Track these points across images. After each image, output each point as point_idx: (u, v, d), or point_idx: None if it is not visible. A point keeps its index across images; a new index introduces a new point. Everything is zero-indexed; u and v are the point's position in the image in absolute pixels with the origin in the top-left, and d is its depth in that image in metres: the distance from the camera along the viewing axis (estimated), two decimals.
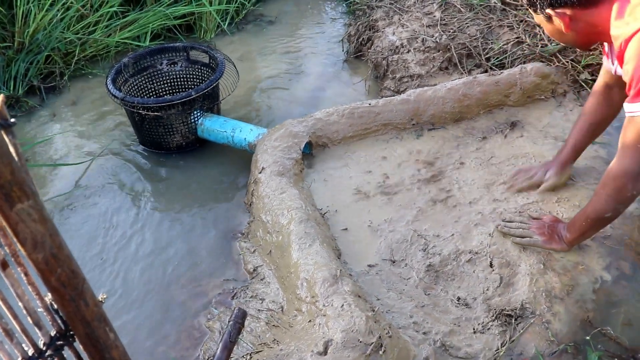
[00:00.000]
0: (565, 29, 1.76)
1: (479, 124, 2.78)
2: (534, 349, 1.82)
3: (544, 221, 2.12)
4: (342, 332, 1.65)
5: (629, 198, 1.77)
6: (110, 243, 2.45)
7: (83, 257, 2.38)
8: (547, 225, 2.09)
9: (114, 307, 2.17)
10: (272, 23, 4.23)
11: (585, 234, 1.98)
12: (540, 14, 1.79)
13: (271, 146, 2.50)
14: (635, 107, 1.64)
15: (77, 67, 3.61)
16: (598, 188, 1.84)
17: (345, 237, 2.24)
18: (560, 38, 1.86)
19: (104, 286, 2.25)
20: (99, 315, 0.81)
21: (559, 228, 2.07)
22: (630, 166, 1.71)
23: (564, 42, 1.90)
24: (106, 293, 2.18)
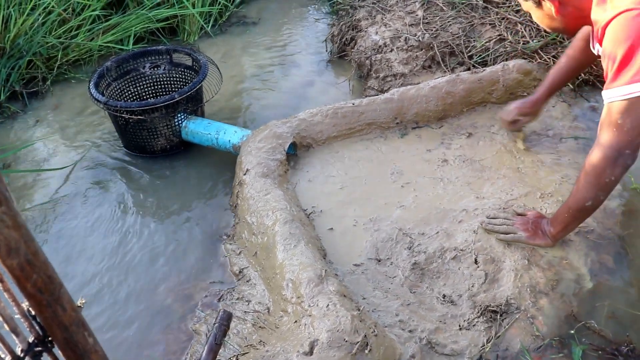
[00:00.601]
0: (555, 13, 1.79)
1: (463, 121, 2.79)
2: (519, 344, 1.83)
3: (528, 217, 2.13)
4: (328, 332, 1.65)
5: (608, 184, 1.78)
6: (95, 248, 2.44)
7: (68, 262, 2.37)
8: (530, 221, 2.11)
9: (99, 311, 2.16)
10: (256, 24, 4.23)
11: (568, 226, 1.99)
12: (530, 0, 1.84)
13: (255, 147, 2.50)
14: (610, 94, 1.67)
15: (59, 71, 3.60)
16: (578, 177, 1.85)
17: (331, 237, 2.25)
18: (549, 24, 1.89)
19: (89, 291, 2.24)
20: (77, 320, 0.80)
21: (542, 223, 2.08)
22: (607, 151, 1.72)
23: (552, 27, 1.92)
24: (92, 298, 2.18)
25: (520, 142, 2.59)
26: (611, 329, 1.87)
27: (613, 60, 1.64)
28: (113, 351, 2.01)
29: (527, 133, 2.63)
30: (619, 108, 1.67)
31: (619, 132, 1.69)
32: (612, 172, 1.75)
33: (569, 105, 2.81)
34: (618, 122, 1.68)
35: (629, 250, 2.12)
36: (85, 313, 2.11)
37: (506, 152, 2.56)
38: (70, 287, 2.17)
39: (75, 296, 0.82)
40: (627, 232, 2.18)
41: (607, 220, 2.22)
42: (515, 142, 2.60)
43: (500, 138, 2.65)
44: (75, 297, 0.81)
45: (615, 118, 1.68)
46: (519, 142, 2.59)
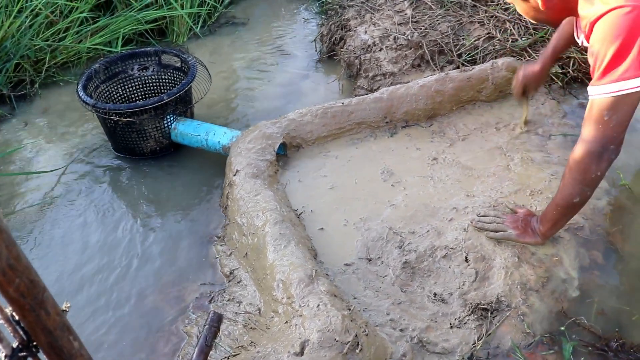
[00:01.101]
0: (542, 6, 1.77)
1: (453, 120, 2.79)
2: (510, 341, 1.84)
3: (518, 215, 2.14)
4: (319, 332, 1.64)
5: (594, 180, 1.79)
6: (84, 250, 2.42)
7: (58, 266, 2.35)
8: (520, 219, 2.11)
9: (89, 315, 2.15)
10: (245, 25, 4.22)
11: (557, 223, 1.99)
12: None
13: (245, 148, 2.49)
14: (595, 90, 1.68)
15: (47, 74, 3.57)
16: (564, 174, 1.86)
17: (322, 236, 2.24)
18: (535, 16, 1.87)
19: (78, 294, 2.23)
20: (61, 324, 0.79)
21: (532, 221, 2.08)
22: (591, 147, 1.73)
23: (538, 19, 1.91)
24: (81, 301, 2.17)
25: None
26: (601, 325, 1.88)
27: (602, 57, 1.64)
28: (103, 354, 2.00)
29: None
30: (606, 104, 1.67)
31: (605, 127, 1.70)
32: (598, 167, 1.76)
33: (558, 103, 2.82)
34: (604, 118, 1.69)
35: (618, 246, 2.13)
36: (74, 316, 2.11)
37: (496, 149, 2.56)
38: (58, 291, 2.18)
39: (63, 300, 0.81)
40: (616, 229, 2.19)
41: (596, 217, 2.23)
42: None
43: (490, 136, 2.66)
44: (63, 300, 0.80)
45: (602, 114, 1.69)
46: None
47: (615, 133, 1.70)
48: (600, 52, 1.64)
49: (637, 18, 1.57)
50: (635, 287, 2.01)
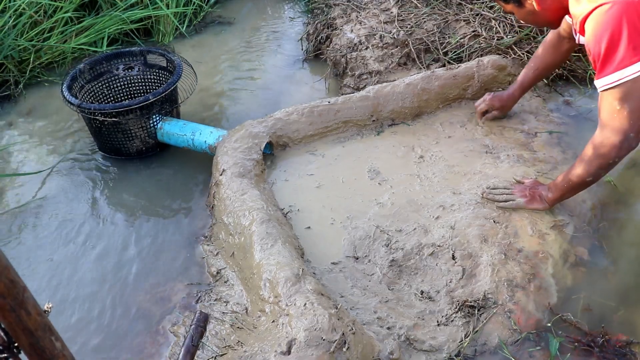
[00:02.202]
0: (537, 7, 1.90)
1: (439, 118, 2.80)
2: (497, 338, 1.84)
3: (526, 184, 2.26)
4: (305, 330, 1.64)
5: (610, 165, 1.92)
6: (72, 252, 2.41)
7: (44, 267, 2.33)
8: (528, 187, 2.23)
9: (74, 316, 2.13)
10: (231, 24, 4.21)
11: (565, 194, 2.12)
12: (511, 2, 1.96)
13: (231, 148, 2.49)
14: (603, 82, 1.78)
15: (32, 74, 3.54)
16: (582, 155, 1.96)
17: (309, 235, 2.24)
18: (533, 19, 2.01)
19: (66, 295, 2.21)
20: (43, 325, 0.79)
21: (540, 189, 2.20)
22: (612, 137, 1.83)
23: (537, 23, 2.06)
24: (67, 302, 2.16)
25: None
26: (587, 321, 1.89)
27: (598, 52, 1.76)
28: (89, 356, 1.99)
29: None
30: (614, 95, 1.78)
31: (620, 117, 1.80)
32: (618, 154, 1.87)
33: (543, 100, 2.83)
34: (617, 108, 1.79)
35: (604, 242, 2.14)
36: (59, 318, 2.10)
37: (482, 147, 2.57)
38: (42, 292, 2.16)
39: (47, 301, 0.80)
40: (602, 225, 2.20)
41: (582, 214, 2.24)
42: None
43: (476, 134, 2.66)
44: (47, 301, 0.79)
45: (613, 105, 1.79)
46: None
47: (632, 120, 1.79)
48: (595, 49, 1.76)
49: (617, 12, 1.70)
50: (621, 283, 2.03)
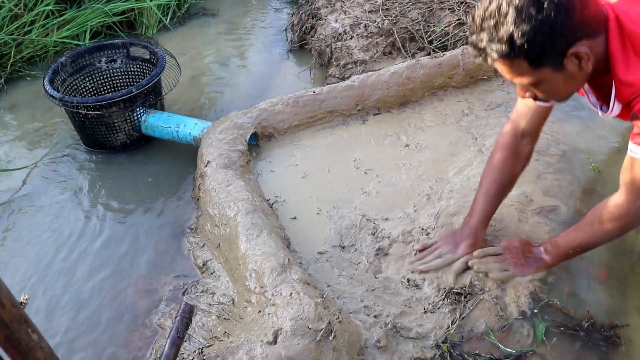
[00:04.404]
0: (586, 66, 1.44)
1: (424, 106, 2.80)
2: (484, 324, 1.84)
3: (516, 247, 1.98)
4: (291, 320, 1.64)
5: (627, 231, 1.73)
6: (56, 246, 2.38)
7: (27, 261, 2.31)
8: (520, 251, 1.97)
9: (60, 309, 2.11)
10: (215, 16, 4.18)
11: (567, 259, 1.91)
12: (548, 64, 1.44)
13: (216, 139, 2.47)
14: (637, 149, 1.54)
15: (13, 69, 3.50)
16: (594, 222, 1.73)
17: (295, 225, 2.23)
18: (565, 88, 1.55)
19: (48, 289, 2.19)
20: (18, 317, 0.78)
21: (534, 252, 1.95)
22: (632, 206, 1.63)
23: (566, 93, 1.59)
24: (52, 297, 2.14)
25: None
26: (572, 306, 1.89)
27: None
28: (75, 350, 1.98)
29: None
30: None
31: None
32: (634, 224, 1.69)
33: None
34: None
35: None
36: (44, 311, 2.08)
37: (467, 135, 2.57)
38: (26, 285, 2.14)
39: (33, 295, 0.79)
40: (587, 211, 2.19)
41: (568, 200, 2.25)
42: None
43: (462, 122, 2.66)
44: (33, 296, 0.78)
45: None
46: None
47: None
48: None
49: None
50: (605, 268, 2.03)
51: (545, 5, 1.35)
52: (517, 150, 1.95)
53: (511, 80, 1.52)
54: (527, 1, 1.36)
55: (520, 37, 1.36)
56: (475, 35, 1.45)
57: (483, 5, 1.43)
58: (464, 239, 1.99)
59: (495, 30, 1.39)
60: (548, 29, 1.36)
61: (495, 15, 1.38)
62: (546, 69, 1.44)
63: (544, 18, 1.35)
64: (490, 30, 1.40)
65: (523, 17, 1.35)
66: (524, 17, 1.35)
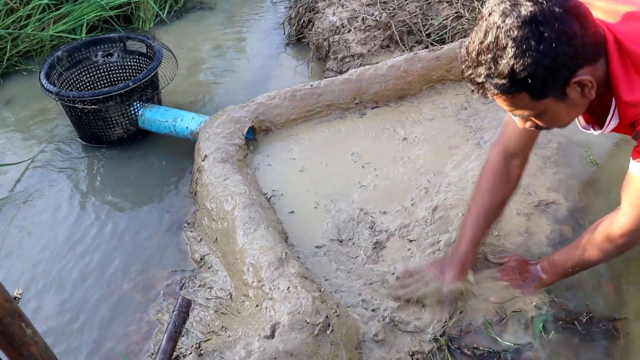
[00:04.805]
0: (590, 94, 1.37)
1: (422, 100, 2.79)
2: (482, 318, 1.84)
3: (512, 268, 1.94)
4: (289, 314, 1.63)
5: (627, 250, 1.66)
6: (54, 241, 2.38)
7: (25, 256, 2.31)
8: (516, 271, 1.92)
9: (58, 304, 2.11)
10: (212, 9, 4.16)
11: (566, 276, 1.86)
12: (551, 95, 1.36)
13: (213, 133, 2.46)
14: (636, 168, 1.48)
15: (9, 63, 3.48)
16: (594, 241, 1.67)
17: (292, 219, 2.23)
18: (566, 117, 1.47)
19: (46, 284, 2.18)
20: (11, 311, 0.77)
21: (531, 271, 1.90)
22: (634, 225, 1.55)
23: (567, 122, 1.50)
24: (49, 292, 2.13)
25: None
26: (571, 300, 1.89)
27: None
28: (72, 345, 1.97)
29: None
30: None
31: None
32: (636, 242, 1.62)
33: None
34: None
35: (587, 221, 2.15)
36: (42, 308, 2.08)
37: (466, 128, 2.57)
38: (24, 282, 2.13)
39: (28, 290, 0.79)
40: (584, 204, 2.20)
41: (566, 193, 2.24)
42: None
43: (460, 115, 2.66)
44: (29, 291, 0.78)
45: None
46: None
47: None
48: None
49: None
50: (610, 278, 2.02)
51: (546, 35, 1.27)
52: (506, 173, 1.87)
53: (511, 112, 1.45)
54: (526, 32, 1.27)
55: (522, 71, 1.29)
56: (472, 69, 1.37)
57: (477, 37, 1.35)
58: (453, 268, 1.87)
59: (494, 64, 1.31)
60: (550, 61, 1.28)
61: (493, 49, 1.31)
62: (549, 100, 1.37)
63: (545, 49, 1.27)
64: (489, 64, 1.32)
65: (523, 50, 1.27)
66: (524, 50, 1.27)
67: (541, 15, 1.27)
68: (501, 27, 1.29)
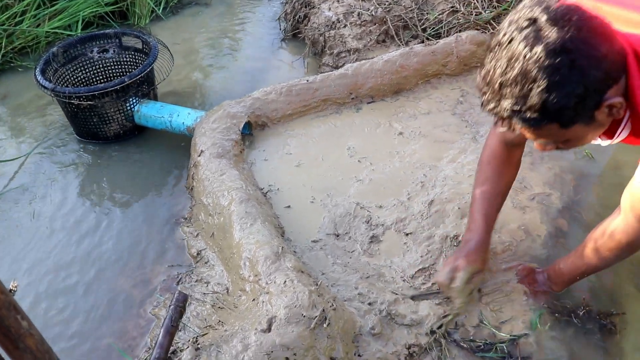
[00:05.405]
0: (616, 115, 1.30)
1: (418, 94, 2.79)
2: (478, 311, 1.84)
3: (521, 277, 1.91)
4: (285, 308, 1.63)
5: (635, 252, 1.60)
6: (49, 236, 2.38)
7: (21, 254, 2.31)
8: (525, 282, 1.89)
9: (55, 300, 2.11)
10: (208, 6, 4.15)
11: (574, 282, 1.82)
12: (580, 121, 1.28)
13: (209, 128, 2.46)
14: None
15: (5, 60, 3.47)
16: (599, 246, 1.61)
17: (289, 214, 2.23)
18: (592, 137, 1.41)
19: (43, 280, 2.18)
20: (7, 303, 0.77)
21: (539, 280, 1.87)
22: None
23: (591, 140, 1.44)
24: (47, 288, 2.13)
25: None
26: (567, 293, 1.90)
27: None
28: (70, 341, 1.97)
29: None
30: None
31: None
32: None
33: None
34: None
35: (583, 214, 2.15)
36: (39, 302, 2.08)
37: (462, 122, 2.57)
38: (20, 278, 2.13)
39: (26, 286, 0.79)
40: (579, 197, 2.21)
41: (562, 186, 2.25)
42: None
43: (456, 109, 2.66)
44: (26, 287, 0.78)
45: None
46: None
47: None
48: None
49: None
50: None
51: (577, 63, 1.18)
52: (508, 158, 1.85)
53: (535, 140, 1.38)
54: (557, 62, 1.17)
55: (555, 103, 1.20)
56: (495, 102, 1.28)
57: (499, 65, 1.25)
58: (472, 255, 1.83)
59: (523, 98, 1.22)
60: (582, 89, 1.20)
61: (521, 81, 1.21)
62: (577, 126, 1.29)
63: (577, 78, 1.19)
64: (516, 98, 1.23)
65: (556, 82, 1.18)
66: (556, 82, 1.18)
67: (570, 40, 1.18)
68: (529, 58, 1.20)
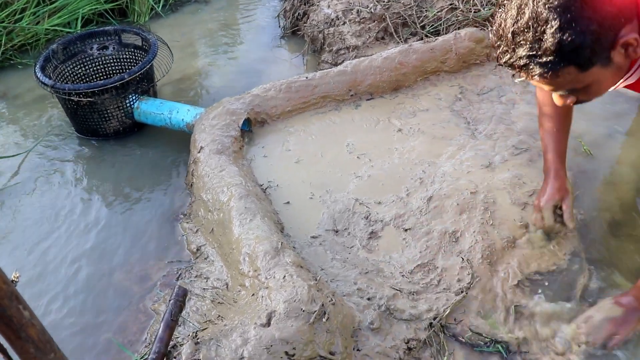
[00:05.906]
0: (632, 55, 1.27)
1: (417, 91, 2.79)
2: (476, 306, 1.85)
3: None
4: (285, 302, 1.64)
5: None
6: (51, 234, 2.38)
7: (22, 249, 2.31)
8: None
9: (55, 296, 2.12)
10: (207, 3, 4.16)
11: None
12: (597, 62, 1.26)
13: (209, 125, 2.47)
14: None
15: (4, 57, 3.48)
16: None
17: (288, 210, 2.24)
18: (612, 82, 1.37)
19: (42, 274, 2.19)
20: (9, 293, 0.78)
21: (623, 302, 1.73)
22: None
23: (609, 88, 1.40)
24: (47, 283, 2.14)
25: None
26: None
27: None
28: (70, 335, 1.98)
29: None
30: None
31: None
32: None
33: None
34: None
35: (580, 209, 2.16)
36: (38, 297, 2.09)
37: (460, 119, 2.57)
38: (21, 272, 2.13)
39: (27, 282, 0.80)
40: (579, 192, 2.21)
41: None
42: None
43: (454, 106, 2.67)
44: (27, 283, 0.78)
45: None
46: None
47: None
48: None
49: None
50: (597, 249, 2.04)
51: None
52: (566, 111, 1.89)
53: (555, 91, 1.36)
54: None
55: (570, 43, 1.18)
56: (510, 53, 1.26)
57: (509, 15, 1.24)
58: (546, 195, 1.95)
59: (537, 42, 1.21)
60: (597, 25, 1.18)
61: (533, 25, 1.20)
62: (595, 69, 1.26)
63: (590, 14, 1.17)
64: (530, 43, 1.22)
65: (568, 19, 1.16)
66: (569, 19, 1.16)
67: None
68: (538, 0, 1.19)
